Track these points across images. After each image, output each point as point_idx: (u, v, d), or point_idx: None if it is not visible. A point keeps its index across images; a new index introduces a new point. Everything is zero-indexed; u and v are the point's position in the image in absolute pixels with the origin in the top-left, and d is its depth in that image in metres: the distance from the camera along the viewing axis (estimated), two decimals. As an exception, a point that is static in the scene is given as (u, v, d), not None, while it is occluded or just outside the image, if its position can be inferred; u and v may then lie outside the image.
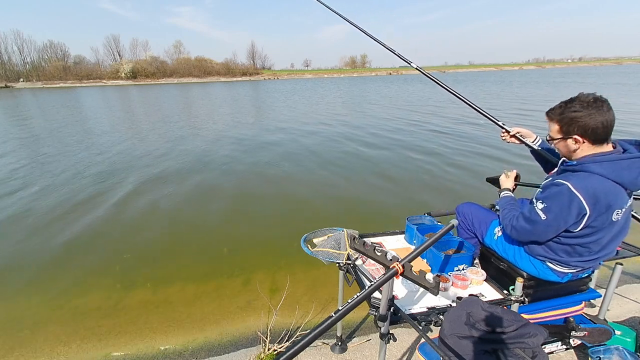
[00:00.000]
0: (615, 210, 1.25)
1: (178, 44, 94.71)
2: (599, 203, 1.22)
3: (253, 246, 3.81)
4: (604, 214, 1.25)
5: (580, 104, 1.26)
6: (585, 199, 1.22)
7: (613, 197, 1.23)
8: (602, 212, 1.24)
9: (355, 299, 1.02)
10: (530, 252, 1.53)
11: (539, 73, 65.21)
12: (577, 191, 1.22)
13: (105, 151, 8.64)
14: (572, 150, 1.34)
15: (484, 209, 1.91)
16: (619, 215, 1.28)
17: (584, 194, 1.22)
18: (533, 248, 1.50)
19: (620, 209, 1.27)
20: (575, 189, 1.23)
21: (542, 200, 1.34)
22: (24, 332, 2.61)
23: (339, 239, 1.90)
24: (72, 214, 4.75)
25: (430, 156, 7.17)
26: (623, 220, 1.34)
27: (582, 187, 1.22)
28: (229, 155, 7.87)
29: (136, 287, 3.13)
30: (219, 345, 2.42)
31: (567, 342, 1.73)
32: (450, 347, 1.26)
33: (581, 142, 1.29)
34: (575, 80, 32.95)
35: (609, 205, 1.23)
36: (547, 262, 1.49)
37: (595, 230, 1.30)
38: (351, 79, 73.46)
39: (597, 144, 1.28)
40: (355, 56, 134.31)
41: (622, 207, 1.28)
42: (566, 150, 1.37)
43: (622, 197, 1.25)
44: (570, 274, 1.50)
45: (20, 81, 68.62)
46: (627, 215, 1.37)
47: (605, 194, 1.22)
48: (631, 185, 1.24)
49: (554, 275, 1.50)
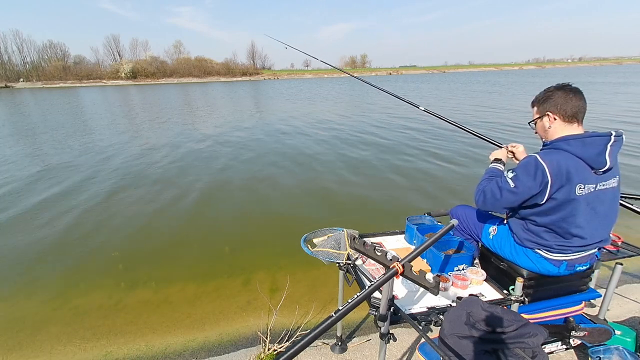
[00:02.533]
0: (577, 185, 1.35)
1: (178, 44, 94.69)
2: (561, 173, 1.34)
3: (253, 246, 3.81)
4: (566, 186, 1.35)
5: (555, 87, 1.48)
6: (549, 168, 1.35)
7: (574, 170, 1.34)
8: (564, 183, 1.35)
9: (355, 299, 1.02)
10: (520, 242, 1.57)
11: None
12: (543, 161, 1.36)
13: (103, 152, 8.64)
14: (547, 128, 1.49)
15: (477, 210, 1.91)
16: (582, 191, 1.36)
17: (548, 164, 1.35)
18: (520, 236, 1.56)
19: (584, 184, 1.36)
20: (542, 159, 1.37)
21: (513, 170, 1.48)
22: (24, 332, 2.61)
23: (339, 239, 1.90)
24: (72, 213, 4.76)
25: (430, 156, 7.18)
26: (596, 201, 1.40)
27: (548, 159, 1.37)
28: (229, 155, 7.87)
29: (136, 287, 3.13)
30: (219, 345, 2.42)
31: (567, 342, 1.73)
32: (450, 347, 1.26)
33: (553, 119, 1.45)
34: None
35: (570, 177, 1.34)
36: (536, 250, 1.53)
37: (560, 203, 1.39)
38: (351, 79, 73.46)
39: (567, 121, 1.43)
40: (356, 56, 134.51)
41: (586, 183, 1.36)
42: (542, 130, 1.53)
43: (585, 173, 1.36)
44: (565, 263, 1.51)
45: (20, 81, 68.60)
46: (604, 199, 1.42)
47: (567, 166, 1.34)
48: (592, 161, 1.35)
49: (549, 265, 1.52)
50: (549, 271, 1.53)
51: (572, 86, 1.45)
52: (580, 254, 1.50)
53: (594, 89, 21.31)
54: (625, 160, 6.19)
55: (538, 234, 1.50)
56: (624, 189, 1.61)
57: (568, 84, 1.46)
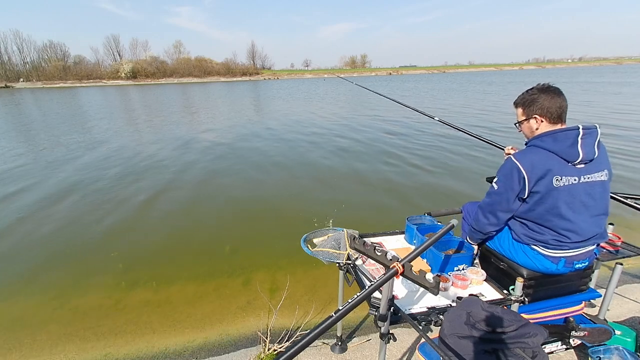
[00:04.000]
0: (554, 177, 1.42)
1: (178, 44, 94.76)
2: (535, 168, 1.43)
3: (253, 246, 3.81)
4: (543, 179, 1.43)
5: (538, 89, 1.54)
6: (523, 165, 1.45)
7: (549, 164, 1.42)
8: (541, 176, 1.43)
9: (355, 298, 1.02)
10: (518, 237, 1.59)
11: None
12: (517, 160, 1.47)
13: (104, 153, 8.64)
14: (534, 129, 1.55)
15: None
16: (560, 182, 1.43)
17: (522, 162, 1.46)
18: (518, 231, 1.59)
19: (561, 176, 1.42)
20: (516, 159, 1.48)
21: (496, 175, 1.60)
22: (24, 332, 2.61)
23: (339, 239, 1.90)
24: (72, 213, 4.76)
25: (430, 156, 7.18)
26: (583, 193, 1.44)
27: (521, 158, 1.47)
28: (229, 155, 7.87)
29: (137, 287, 3.13)
30: (219, 345, 2.42)
31: (567, 342, 1.73)
32: (450, 347, 1.26)
33: (540, 121, 1.52)
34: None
35: (545, 171, 1.42)
36: (533, 246, 1.55)
37: (542, 196, 1.45)
38: (351, 79, 73.34)
39: (553, 122, 1.51)
40: (356, 56, 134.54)
41: (564, 175, 1.42)
42: (529, 131, 1.59)
43: (560, 166, 1.43)
44: (563, 259, 1.52)
45: (20, 81, 68.62)
46: (591, 191, 1.45)
47: (539, 160, 1.44)
48: (566, 154, 1.43)
49: (547, 262, 1.53)
50: (548, 268, 1.54)
51: (554, 87, 1.52)
52: (577, 251, 1.52)
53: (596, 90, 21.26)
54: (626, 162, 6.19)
55: (532, 229, 1.54)
56: (628, 189, 1.62)
57: (549, 86, 1.53)
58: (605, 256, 1.84)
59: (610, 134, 8.32)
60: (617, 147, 7.12)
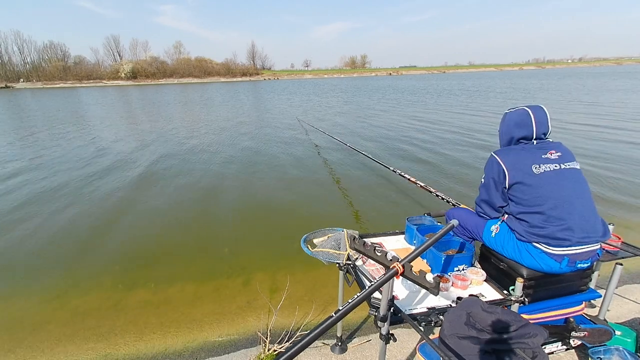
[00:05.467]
0: (532, 165, 1.57)
1: (178, 44, 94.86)
2: (511, 160, 1.62)
3: (253, 246, 3.81)
4: (521, 169, 1.59)
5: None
6: (500, 157, 1.66)
7: (523, 155, 1.61)
8: (518, 167, 1.59)
9: (355, 299, 1.02)
10: (521, 235, 1.60)
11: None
12: (496, 155, 1.68)
13: (103, 152, 8.65)
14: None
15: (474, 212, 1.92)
16: (539, 170, 1.56)
17: (499, 155, 1.67)
18: (519, 229, 1.61)
19: (538, 164, 1.57)
20: (495, 155, 1.69)
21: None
22: (24, 332, 2.61)
23: (339, 239, 1.90)
24: (71, 213, 4.76)
25: (430, 157, 7.18)
26: (567, 179, 1.55)
27: (500, 153, 1.69)
28: (229, 156, 7.87)
29: (136, 287, 3.13)
30: (219, 345, 2.42)
31: (567, 342, 1.73)
32: (450, 347, 1.26)
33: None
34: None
35: (521, 160, 1.59)
36: (536, 244, 1.55)
37: (523, 182, 1.58)
38: (351, 79, 73.50)
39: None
40: (356, 56, 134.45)
41: (540, 163, 1.57)
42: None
43: (534, 155, 1.59)
44: (566, 258, 1.52)
45: (20, 81, 68.66)
46: (576, 177, 1.57)
47: (514, 153, 1.64)
48: (526, 130, 1.65)
49: (551, 261, 1.53)
50: (551, 267, 1.54)
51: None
52: (580, 248, 1.51)
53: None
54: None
55: (532, 224, 1.56)
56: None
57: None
58: (605, 256, 1.84)
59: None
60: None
